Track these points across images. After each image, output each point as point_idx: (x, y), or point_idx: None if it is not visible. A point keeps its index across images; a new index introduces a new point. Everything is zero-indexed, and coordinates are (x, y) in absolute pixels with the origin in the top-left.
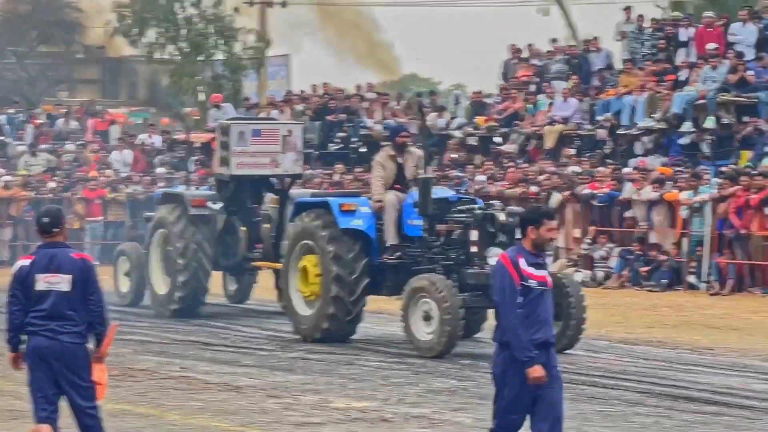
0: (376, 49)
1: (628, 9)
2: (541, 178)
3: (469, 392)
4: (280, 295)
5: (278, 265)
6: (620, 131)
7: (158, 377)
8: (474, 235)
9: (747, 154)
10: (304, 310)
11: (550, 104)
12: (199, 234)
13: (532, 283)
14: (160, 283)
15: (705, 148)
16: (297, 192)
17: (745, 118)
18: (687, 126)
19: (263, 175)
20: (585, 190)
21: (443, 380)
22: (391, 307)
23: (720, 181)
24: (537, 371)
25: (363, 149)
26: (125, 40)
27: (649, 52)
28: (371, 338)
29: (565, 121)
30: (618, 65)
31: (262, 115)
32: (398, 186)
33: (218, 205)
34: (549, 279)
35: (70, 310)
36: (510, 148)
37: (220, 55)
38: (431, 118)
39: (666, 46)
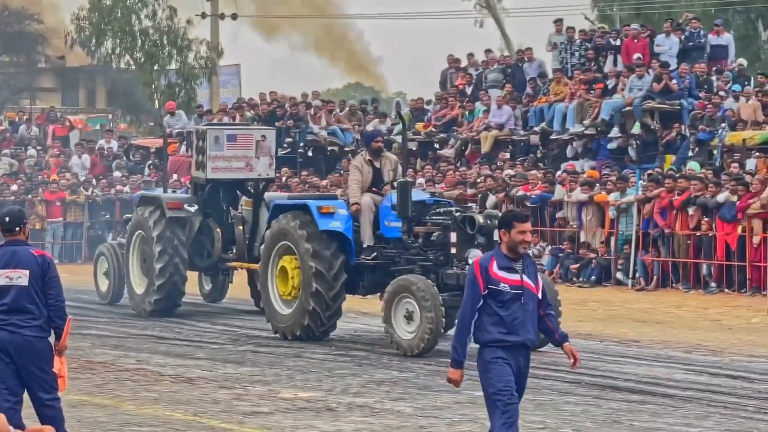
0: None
1: (558, 21)
2: (477, 180)
3: (410, 383)
4: (254, 294)
5: (254, 266)
6: (552, 136)
7: (115, 370)
8: (453, 236)
9: (671, 158)
10: (282, 309)
11: (486, 111)
12: (176, 238)
13: (504, 286)
14: (138, 283)
15: (631, 153)
16: (271, 195)
17: (669, 124)
18: (614, 131)
19: (238, 178)
20: (519, 192)
21: (385, 371)
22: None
23: (645, 183)
24: (454, 374)
25: (309, 153)
26: (83, 50)
27: (578, 61)
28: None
29: (500, 127)
30: (549, 74)
31: (214, 121)
32: (375, 189)
33: (194, 208)
34: (528, 283)
35: (30, 304)
36: (448, 152)
37: (174, 65)
38: (374, 124)
39: (595, 56)
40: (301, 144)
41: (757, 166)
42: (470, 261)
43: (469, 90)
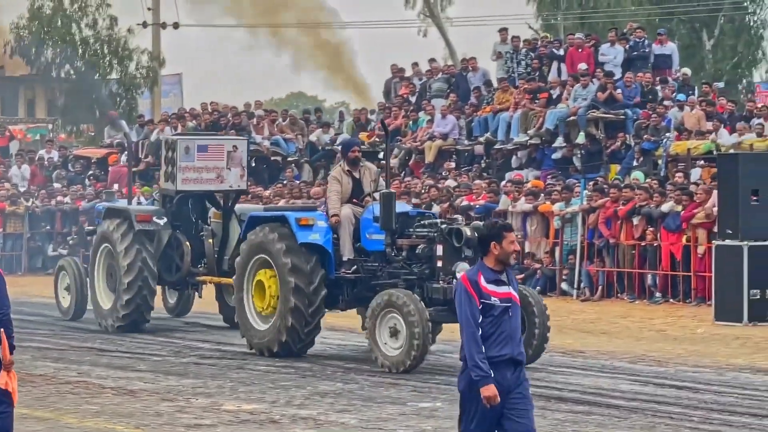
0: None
1: (503, 30)
2: (421, 191)
3: (354, 394)
4: (222, 309)
5: (225, 280)
6: (496, 146)
7: (56, 382)
8: (440, 249)
9: (615, 168)
10: (259, 324)
11: (430, 121)
12: (144, 251)
13: (495, 300)
14: (104, 298)
15: (576, 162)
16: (241, 207)
17: (614, 134)
18: (559, 141)
19: (209, 190)
20: (463, 202)
21: (329, 383)
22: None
23: (590, 193)
24: (489, 390)
25: (252, 164)
26: (23, 60)
27: (523, 71)
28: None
29: (444, 137)
30: (494, 83)
31: (155, 131)
32: (355, 200)
33: (163, 220)
34: (514, 294)
35: None
36: (392, 162)
37: (115, 75)
38: (317, 134)
39: (539, 66)
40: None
41: (702, 176)
42: (458, 275)
43: (413, 99)
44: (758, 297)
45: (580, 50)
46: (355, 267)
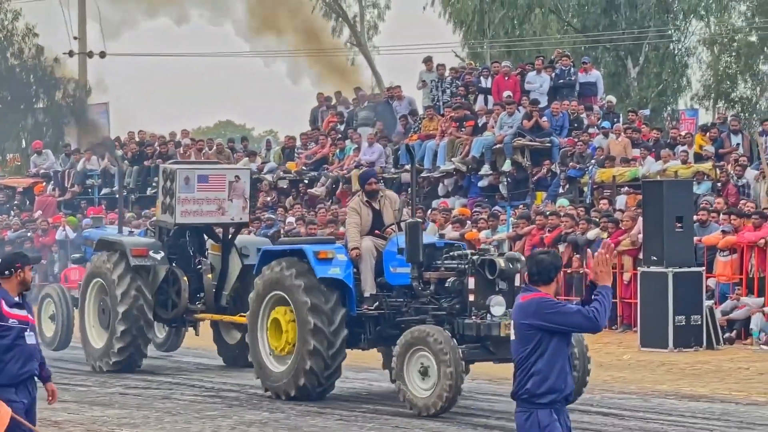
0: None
1: (429, 59)
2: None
3: (280, 423)
4: (221, 351)
5: (228, 318)
6: (423, 174)
7: None
8: (471, 282)
9: (541, 195)
10: (275, 366)
11: (357, 149)
12: (140, 279)
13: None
14: (95, 337)
15: (502, 190)
16: (242, 239)
17: (540, 161)
18: (485, 169)
19: (209, 223)
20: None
21: (255, 413)
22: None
23: (516, 220)
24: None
25: None
26: None
27: (449, 99)
28: (186, 372)
29: (371, 165)
30: (420, 111)
31: (82, 160)
32: (377, 232)
33: (160, 255)
34: None
35: None
36: (319, 190)
37: (41, 104)
38: (243, 162)
39: (465, 94)
40: None
41: (627, 203)
42: (493, 309)
43: (341, 128)
44: (683, 323)
45: (506, 78)
46: (378, 303)
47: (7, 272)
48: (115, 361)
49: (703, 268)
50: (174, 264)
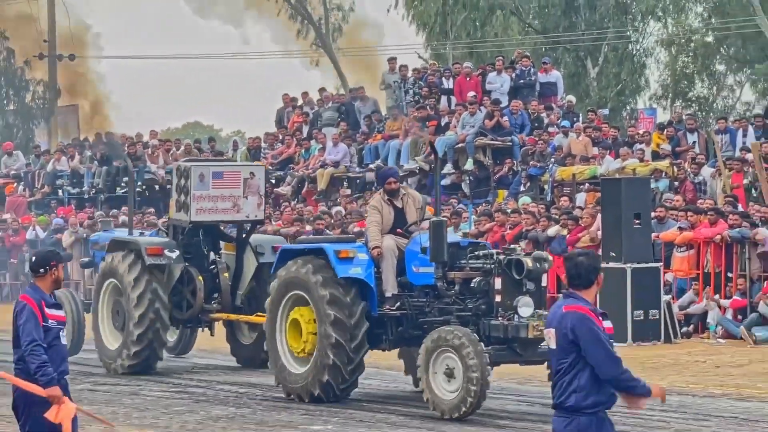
0: None
1: (392, 60)
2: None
3: (246, 418)
4: (235, 350)
5: (244, 317)
6: None
7: None
8: (498, 282)
9: (503, 193)
10: (295, 367)
11: (322, 149)
12: (155, 281)
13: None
14: (109, 338)
15: (465, 188)
16: (257, 237)
17: (501, 160)
18: (448, 167)
19: (224, 221)
20: (355, 228)
21: (222, 408)
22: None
23: (478, 218)
24: (657, 389)
25: (146, 192)
26: None
27: (412, 99)
28: (161, 369)
29: (336, 164)
30: (383, 112)
31: (51, 161)
32: (399, 231)
33: (175, 254)
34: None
35: None
36: (285, 190)
37: (12, 105)
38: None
39: (428, 94)
40: (139, 183)
41: (586, 200)
42: (521, 311)
43: (305, 129)
44: (642, 318)
45: (468, 79)
46: (400, 303)
47: (42, 270)
48: (130, 364)
49: (661, 263)
50: (188, 263)
